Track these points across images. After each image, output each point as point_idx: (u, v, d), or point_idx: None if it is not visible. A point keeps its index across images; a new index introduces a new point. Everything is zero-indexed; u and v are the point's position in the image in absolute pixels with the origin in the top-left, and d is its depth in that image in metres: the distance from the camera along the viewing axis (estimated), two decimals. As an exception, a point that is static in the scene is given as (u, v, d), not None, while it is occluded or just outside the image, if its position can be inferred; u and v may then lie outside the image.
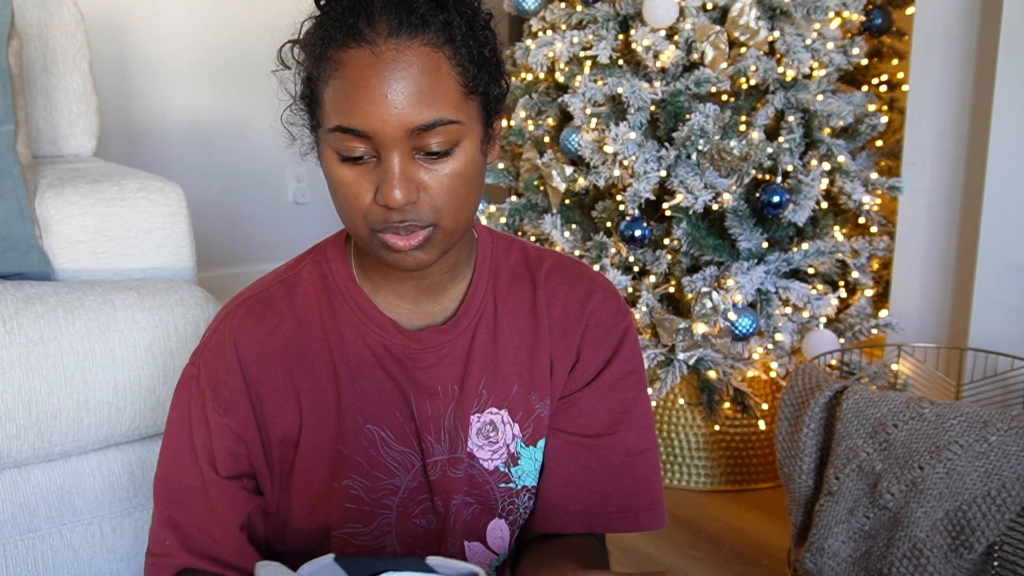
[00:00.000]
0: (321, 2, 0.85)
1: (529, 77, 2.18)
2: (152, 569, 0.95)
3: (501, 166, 2.22)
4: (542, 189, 2.09)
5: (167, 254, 1.51)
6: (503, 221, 2.14)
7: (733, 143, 1.78)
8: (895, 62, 2.09)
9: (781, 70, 1.84)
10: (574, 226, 2.04)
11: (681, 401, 1.99)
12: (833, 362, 1.79)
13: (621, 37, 1.94)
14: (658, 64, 1.86)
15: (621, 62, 1.93)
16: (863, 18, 1.94)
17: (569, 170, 1.99)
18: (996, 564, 1.36)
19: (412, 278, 0.94)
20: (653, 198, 1.84)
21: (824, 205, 1.90)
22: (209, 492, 0.94)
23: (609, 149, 1.85)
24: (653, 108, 1.87)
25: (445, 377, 0.96)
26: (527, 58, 2.06)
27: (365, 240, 0.87)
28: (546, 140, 2.11)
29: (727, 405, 1.92)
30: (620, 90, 1.85)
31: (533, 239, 2.12)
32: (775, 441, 1.58)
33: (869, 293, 1.96)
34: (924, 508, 1.36)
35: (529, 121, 2.14)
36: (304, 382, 0.94)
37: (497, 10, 2.32)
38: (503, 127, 0.94)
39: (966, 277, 1.81)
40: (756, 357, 1.89)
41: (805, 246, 1.88)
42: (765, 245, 1.86)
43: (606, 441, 0.99)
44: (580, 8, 1.96)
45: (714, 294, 1.77)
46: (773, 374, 1.92)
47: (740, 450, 1.98)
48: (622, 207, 1.86)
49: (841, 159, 1.85)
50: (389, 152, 0.82)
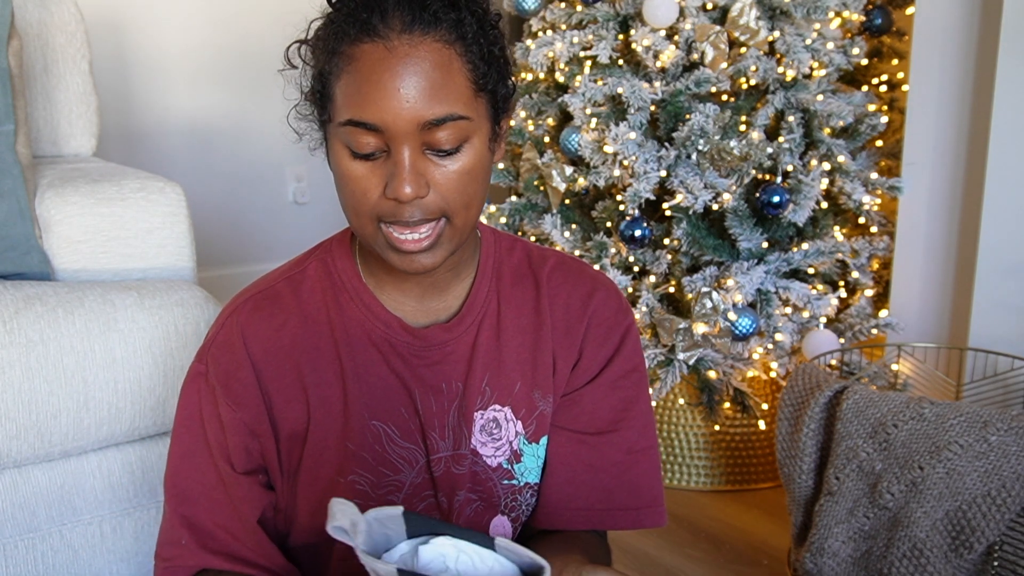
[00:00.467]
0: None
1: (529, 77, 2.18)
2: (165, 573, 0.94)
3: (501, 166, 2.22)
4: (542, 189, 2.09)
5: (167, 254, 1.51)
6: (503, 221, 2.14)
7: (733, 143, 1.78)
8: (895, 62, 2.09)
9: (781, 70, 1.84)
10: (574, 226, 2.04)
11: (681, 401, 1.99)
12: (833, 362, 1.79)
13: (621, 37, 1.94)
14: (658, 64, 1.86)
15: (621, 62, 1.93)
16: (863, 18, 1.94)
17: (569, 170, 1.99)
18: (996, 564, 1.36)
19: (416, 275, 0.94)
20: (653, 198, 1.84)
21: (824, 205, 1.90)
22: (227, 488, 0.94)
23: (609, 149, 1.85)
24: (653, 108, 1.87)
25: (449, 374, 0.96)
26: (527, 58, 2.06)
27: (371, 239, 0.88)
28: (546, 140, 2.11)
29: (727, 405, 1.92)
30: (620, 90, 1.85)
31: (533, 239, 2.12)
32: (775, 441, 1.58)
33: (869, 293, 1.96)
34: (924, 508, 1.36)
35: (529, 121, 2.14)
36: (311, 378, 0.95)
37: (497, 10, 2.32)
38: (507, 128, 0.96)
39: (966, 277, 1.81)
40: (756, 357, 1.89)
41: (805, 246, 1.88)
42: (765, 245, 1.86)
43: (607, 439, 0.99)
44: (580, 8, 1.96)
45: (714, 294, 1.77)
46: (773, 374, 1.92)
47: (740, 450, 1.98)
48: (622, 207, 1.86)
49: (841, 159, 1.85)
50: (400, 146, 0.82)
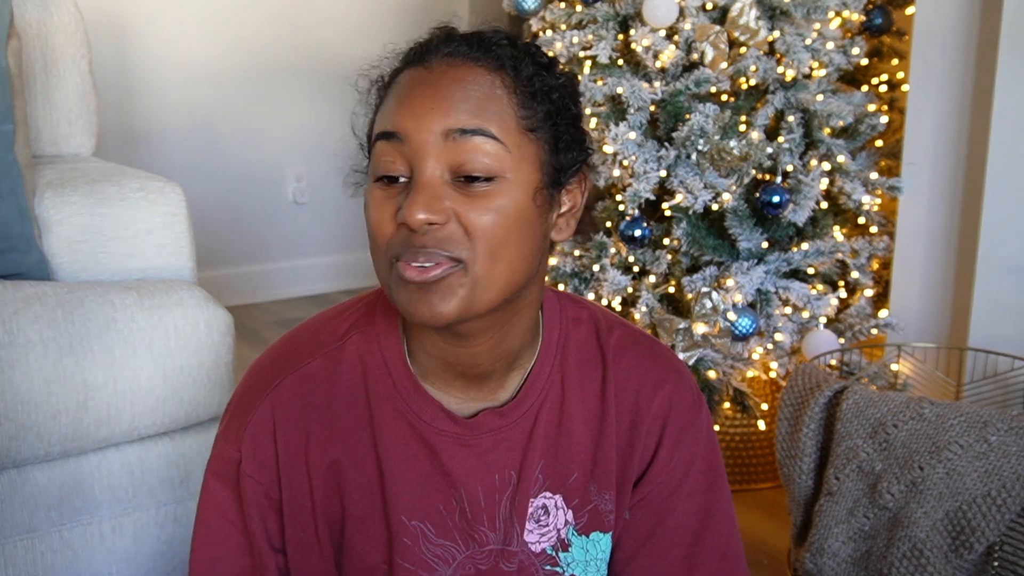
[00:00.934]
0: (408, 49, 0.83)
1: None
2: None
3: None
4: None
5: (167, 254, 1.51)
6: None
7: (733, 143, 1.78)
8: (895, 62, 2.09)
9: (781, 70, 1.84)
10: (574, 226, 2.04)
11: (681, 401, 1.98)
12: (833, 362, 1.79)
13: (621, 37, 1.93)
14: (658, 64, 1.86)
15: (621, 62, 1.93)
16: (863, 18, 1.94)
17: (569, 170, 1.99)
18: (996, 564, 1.36)
19: (460, 364, 0.85)
20: (653, 198, 1.84)
21: (824, 205, 1.90)
22: (257, 572, 0.91)
23: (609, 149, 1.85)
24: (653, 108, 1.87)
25: (502, 464, 0.89)
26: (527, 58, 2.06)
27: (385, 284, 0.80)
28: (546, 140, 2.11)
29: (727, 405, 1.92)
30: (620, 90, 1.85)
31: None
32: (775, 441, 1.58)
33: (869, 293, 1.96)
34: (924, 508, 1.36)
35: (529, 121, 2.14)
36: (348, 473, 0.89)
37: (497, 10, 2.31)
38: (580, 206, 0.86)
39: (966, 277, 1.81)
40: (756, 357, 1.89)
41: (805, 246, 1.88)
42: (765, 245, 1.86)
43: (700, 549, 0.93)
44: (580, 8, 1.96)
45: (714, 294, 1.77)
46: (773, 374, 1.92)
47: (740, 450, 1.98)
48: (622, 207, 1.85)
49: (841, 159, 1.84)
50: (421, 162, 0.75)
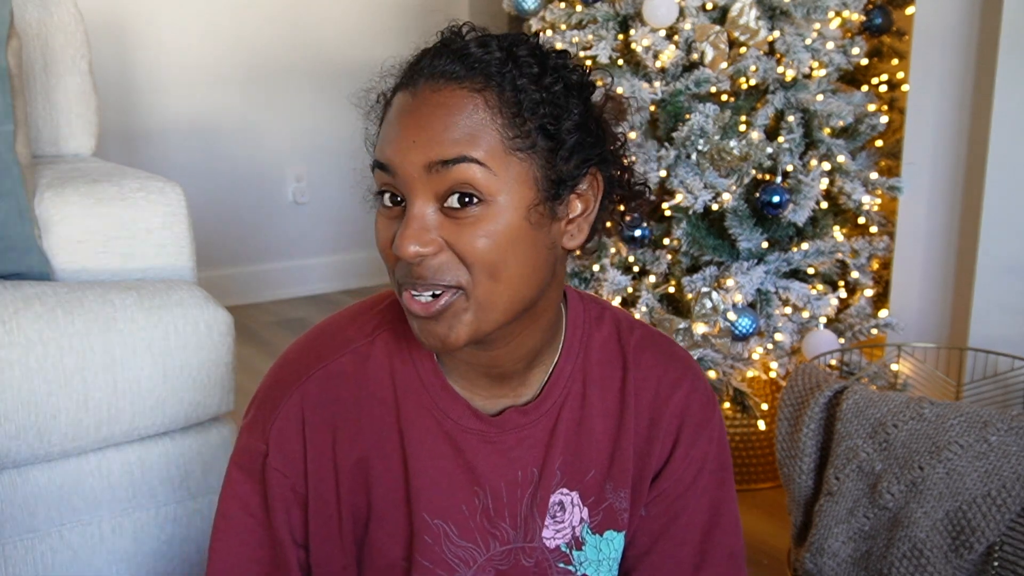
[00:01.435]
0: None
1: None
2: None
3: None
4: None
5: (167, 254, 1.51)
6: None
7: (733, 143, 1.78)
8: (895, 62, 2.09)
9: (781, 70, 1.84)
10: (574, 226, 2.04)
11: (681, 401, 1.98)
12: (833, 362, 1.79)
13: (621, 37, 1.93)
14: (658, 64, 1.86)
15: (621, 62, 1.93)
16: (863, 18, 1.94)
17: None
18: (996, 564, 1.36)
19: (481, 365, 0.87)
20: (653, 198, 1.84)
21: (824, 205, 1.90)
22: (279, 568, 0.92)
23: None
24: (653, 108, 1.87)
25: (525, 461, 0.90)
26: (527, 58, 2.06)
27: (400, 304, 0.82)
28: (546, 140, 2.11)
29: (727, 405, 1.92)
30: (620, 90, 1.85)
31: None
32: (775, 441, 1.58)
33: (869, 293, 1.96)
34: (924, 508, 1.36)
35: (529, 121, 2.14)
36: (375, 469, 0.90)
37: (497, 10, 2.31)
38: (594, 209, 0.85)
39: (966, 277, 1.81)
40: (756, 357, 1.89)
41: (805, 246, 1.88)
42: (765, 245, 1.86)
43: (710, 546, 0.94)
44: (580, 8, 1.96)
45: (714, 294, 1.77)
46: (773, 374, 1.92)
47: (740, 450, 1.98)
48: (622, 207, 1.85)
49: (841, 159, 1.84)
50: (410, 195, 0.76)
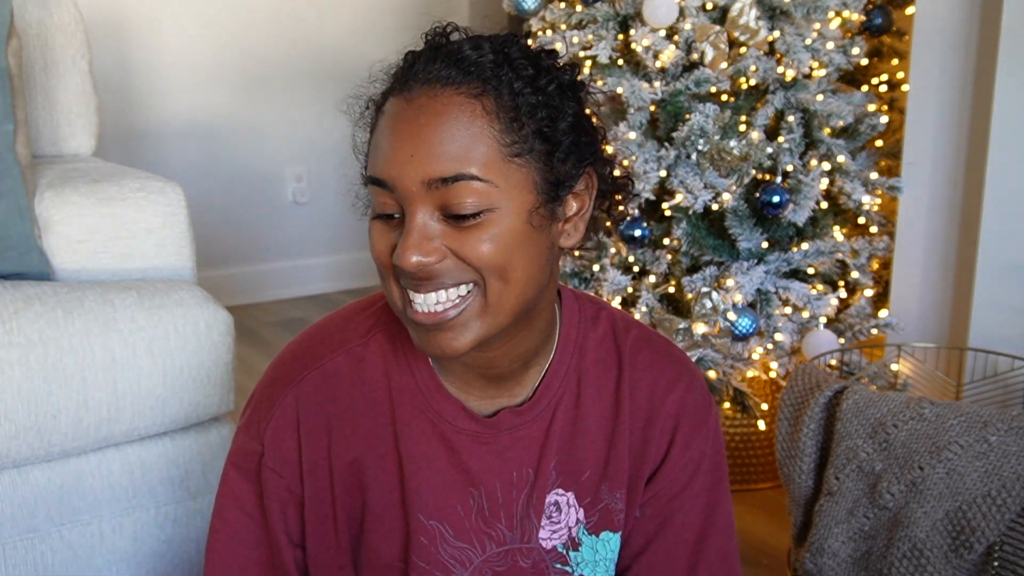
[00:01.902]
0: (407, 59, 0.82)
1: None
2: None
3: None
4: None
5: (167, 254, 1.51)
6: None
7: (733, 143, 1.78)
8: (895, 62, 2.09)
9: (781, 70, 1.84)
10: (574, 226, 2.04)
11: (681, 401, 1.98)
12: (833, 362, 1.79)
13: (621, 37, 1.93)
14: (658, 64, 1.86)
15: (621, 62, 1.93)
16: (863, 18, 1.94)
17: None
18: (996, 564, 1.36)
19: (477, 367, 0.87)
20: (653, 198, 1.84)
21: (824, 205, 1.90)
22: (276, 569, 0.92)
23: (609, 149, 1.85)
24: (653, 108, 1.87)
25: (520, 461, 0.90)
26: (527, 58, 2.06)
27: (398, 310, 0.81)
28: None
29: (727, 405, 1.92)
30: (620, 90, 1.85)
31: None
32: (775, 441, 1.58)
33: (869, 293, 1.96)
34: (924, 508, 1.36)
35: (529, 121, 2.13)
36: (370, 470, 0.90)
37: (497, 10, 2.31)
38: (588, 208, 0.85)
39: (966, 277, 1.81)
40: (756, 357, 1.89)
41: (805, 246, 1.88)
42: (765, 245, 1.86)
43: (703, 546, 0.94)
44: (580, 8, 1.96)
45: (714, 294, 1.77)
46: (773, 374, 1.92)
47: (740, 450, 1.98)
48: (622, 207, 1.85)
49: (841, 159, 1.84)
50: (410, 208, 0.76)
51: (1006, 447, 1.33)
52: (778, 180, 1.83)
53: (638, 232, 1.84)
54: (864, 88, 2.03)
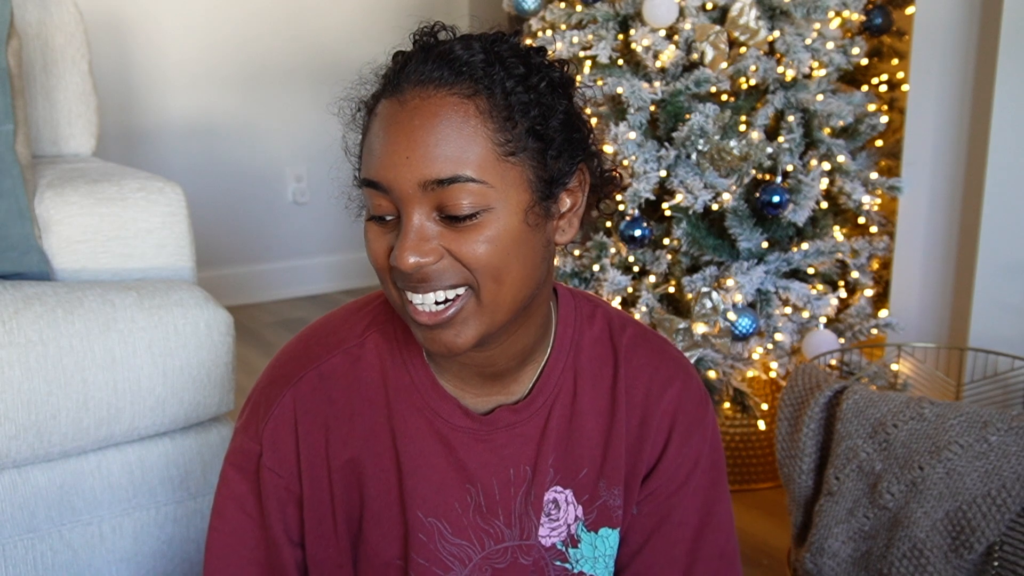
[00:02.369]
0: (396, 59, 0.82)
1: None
2: None
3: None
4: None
5: (167, 254, 1.51)
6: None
7: (733, 143, 1.78)
8: (895, 62, 2.09)
9: (781, 70, 1.84)
10: (574, 226, 2.04)
11: (681, 401, 1.98)
12: (833, 362, 1.79)
13: (621, 37, 1.93)
14: (658, 64, 1.86)
15: (621, 62, 1.93)
16: (863, 18, 1.94)
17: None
18: (996, 564, 1.36)
19: (475, 364, 0.87)
20: (653, 198, 1.84)
21: (824, 205, 1.90)
22: (274, 569, 0.92)
23: (609, 149, 1.85)
24: (653, 108, 1.87)
25: (517, 459, 0.90)
26: (527, 58, 2.06)
27: (399, 309, 0.82)
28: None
29: (727, 405, 1.92)
30: (620, 90, 1.85)
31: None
32: (775, 441, 1.58)
33: (869, 293, 1.96)
34: (924, 508, 1.36)
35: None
36: (368, 469, 0.90)
37: (497, 10, 2.31)
38: (582, 204, 0.85)
39: (966, 277, 1.81)
40: (756, 357, 1.89)
41: (805, 246, 1.88)
42: (765, 245, 1.86)
43: (699, 545, 0.95)
44: (580, 8, 1.96)
45: (714, 294, 1.77)
46: (773, 374, 1.92)
47: (740, 450, 1.98)
48: (622, 207, 1.86)
49: (841, 159, 1.84)
50: (406, 209, 0.76)
51: (1006, 447, 1.33)
52: (778, 180, 1.83)
53: (638, 232, 1.84)
54: (864, 88, 2.03)
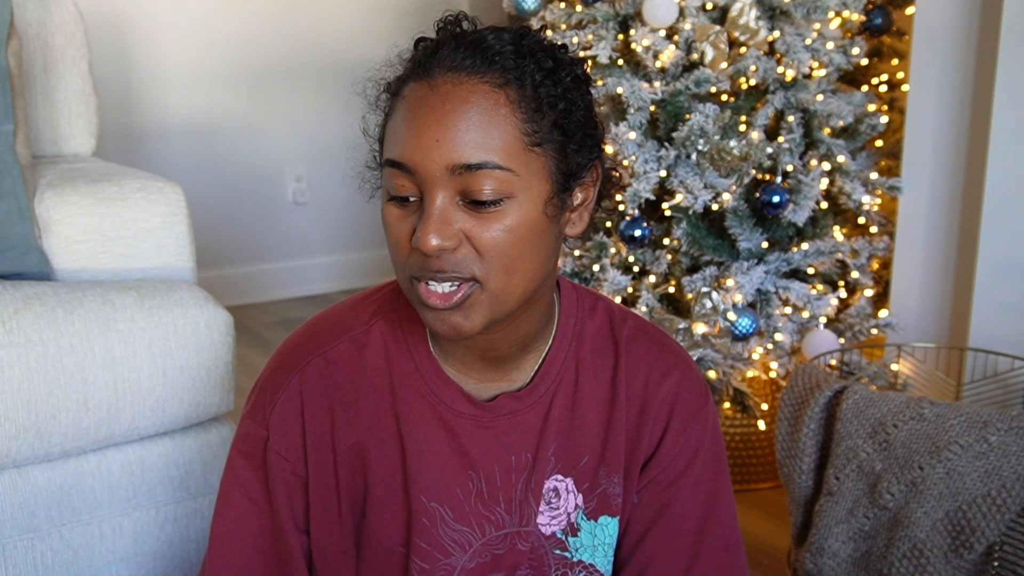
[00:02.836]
0: (418, 46, 0.83)
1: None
2: None
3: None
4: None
5: (167, 254, 1.51)
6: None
7: (733, 143, 1.78)
8: (895, 62, 2.09)
9: (781, 70, 1.84)
10: (574, 226, 2.04)
11: (681, 401, 1.98)
12: (833, 362, 1.79)
13: (621, 37, 1.93)
14: (658, 64, 1.86)
15: (621, 62, 1.93)
16: (863, 18, 1.94)
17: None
18: (996, 564, 1.36)
19: (478, 348, 0.89)
20: (653, 198, 1.84)
21: (824, 205, 1.90)
22: (281, 556, 0.93)
23: (609, 149, 1.85)
24: (653, 108, 1.87)
25: (519, 446, 0.92)
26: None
27: (409, 295, 0.83)
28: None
29: (727, 405, 1.92)
30: (620, 90, 1.85)
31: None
32: (775, 441, 1.58)
33: (869, 293, 1.96)
34: (924, 508, 1.36)
35: (529, 121, 2.13)
36: (372, 454, 0.91)
37: (497, 10, 2.31)
38: (593, 199, 0.88)
39: (966, 277, 1.81)
40: (756, 357, 1.89)
41: (805, 246, 1.88)
42: (765, 245, 1.86)
43: (704, 537, 0.95)
44: (580, 8, 1.96)
45: (714, 294, 1.77)
46: (773, 374, 1.92)
47: (740, 450, 1.98)
48: (622, 207, 1.86)
49: (841, 159, 1.84)
50: (431, 192, 0.77)
51: (1006, 447, 1.33)
52: (778, 180, 1.83)
53: (638, 232, 1.84)
54: (864, 88, 2.03)
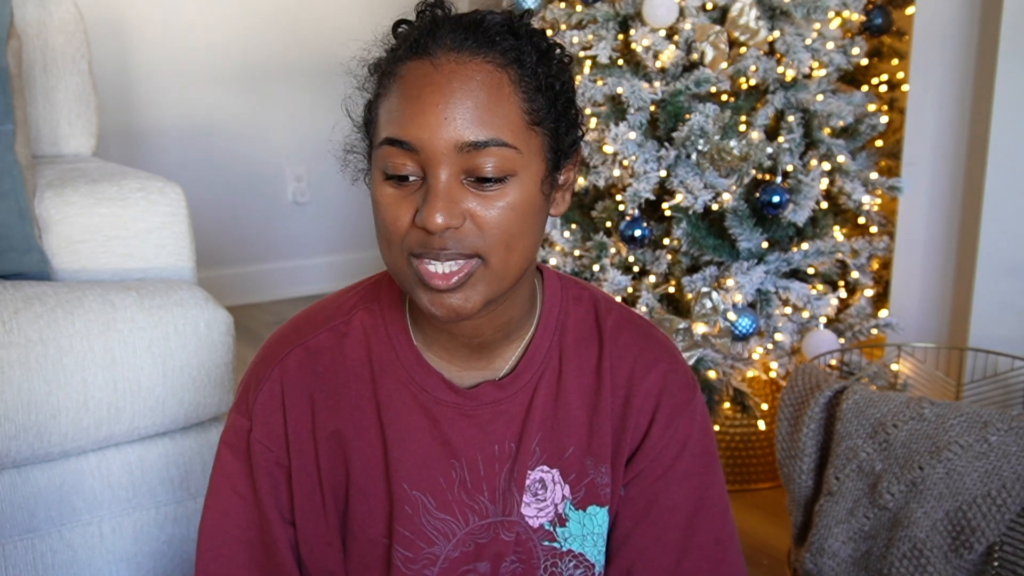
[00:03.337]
0: (399, 29, 0.84)
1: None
2: None
3: None
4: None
5: (167, 254, 1.51)
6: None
7: (733, 143, 1.78)
8: (895, 62, 2.09)
9: (781, 70, 1.84)
10: (574, 226, 2.04)
11: (681, 401, 1.98)
12: (833, 362, 1.79)
13: (621, 37, 1.93)
14: (658, 64, 1.86)
15: (621, 62, 1.93)
16: (863, 18, 1.94)
17: (569, 170, 1.99)
18: (996, 564, 1.36)
19: (463, 335, 0.89)
20: (653, 198, 1.84)
21: (824, 205, 1.90)
22: (267, 547, 0.93)
23: (609, 149, 1.85)
24: (653, 108, 1.87)
25: (502, 435, 0.91)
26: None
27: (402, 276, 0.83)
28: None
29: (727, 405, 1.92)
30: (620, 90, 1.85)
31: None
32: (775, 441, 1.58)
33: (869, 293, 1.96)
34: (924, 508, 1.36)
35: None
36: (353, 444, 0.92)
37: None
38: (573, 180, 0.90)
39: (966, 277, 1.81)
40: (756, 357, 1.89)
41: (805, 246, 1.88)
42: (765, 245, 1.86)
43: (693, 531, 0.94)
44: (580, 8, 1.96)
45: (714, 294, 1.77)
46: (773, 374, 1.92)
47: (740, 450, 1.98)
48: (622, 207, 1.86)
49: (841, 159, 1.84)
50: (435, 170, 0.77)
51: (1006, 447, 1.33)
52: (778, 180, 1.83)
53: (638, 232, 1.84)
54: (864, 88, 2.03)
